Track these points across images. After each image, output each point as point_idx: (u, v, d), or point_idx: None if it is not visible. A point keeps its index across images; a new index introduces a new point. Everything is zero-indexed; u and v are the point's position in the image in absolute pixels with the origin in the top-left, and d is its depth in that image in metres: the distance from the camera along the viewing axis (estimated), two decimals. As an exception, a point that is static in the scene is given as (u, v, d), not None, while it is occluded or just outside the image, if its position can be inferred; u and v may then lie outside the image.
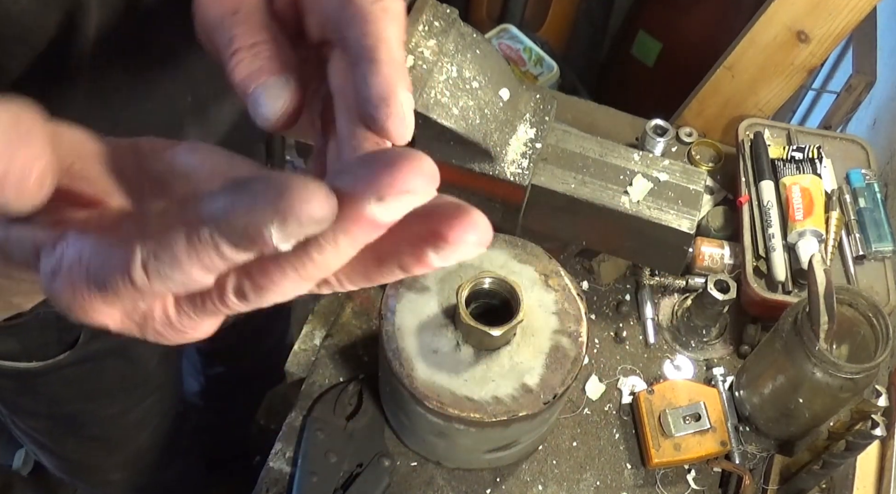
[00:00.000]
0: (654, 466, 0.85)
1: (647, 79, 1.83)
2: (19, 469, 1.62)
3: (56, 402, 0.95)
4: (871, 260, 0.94)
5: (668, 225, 0.82)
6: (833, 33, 1.03)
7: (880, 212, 0.96)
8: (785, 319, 0.79)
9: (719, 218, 1.00)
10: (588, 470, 0.85)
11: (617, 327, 0.95)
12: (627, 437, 0.88)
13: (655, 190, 0.83)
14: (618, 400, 0.90)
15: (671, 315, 0.96)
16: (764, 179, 0.97)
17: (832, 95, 1.33)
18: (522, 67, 1.54)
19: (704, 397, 0.86)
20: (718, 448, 0.84)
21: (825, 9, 1.01)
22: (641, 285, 0.97)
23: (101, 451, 1.10)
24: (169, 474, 1.23)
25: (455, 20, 0.77)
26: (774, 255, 0.91)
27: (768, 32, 1.05)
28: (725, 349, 0.95)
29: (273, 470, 0.83)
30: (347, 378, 0.88)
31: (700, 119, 1.16)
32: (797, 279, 0.91)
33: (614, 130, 1.11)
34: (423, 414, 0.73)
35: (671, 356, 0.94)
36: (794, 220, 0.93)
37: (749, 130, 1.04)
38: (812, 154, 0.99)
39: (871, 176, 1.00)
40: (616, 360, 0.93)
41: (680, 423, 0.84)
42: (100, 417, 1.01)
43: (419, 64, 0.74)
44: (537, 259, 0.78)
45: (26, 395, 0.94)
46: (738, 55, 1.09)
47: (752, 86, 1.11)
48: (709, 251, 0.97)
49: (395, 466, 0.83)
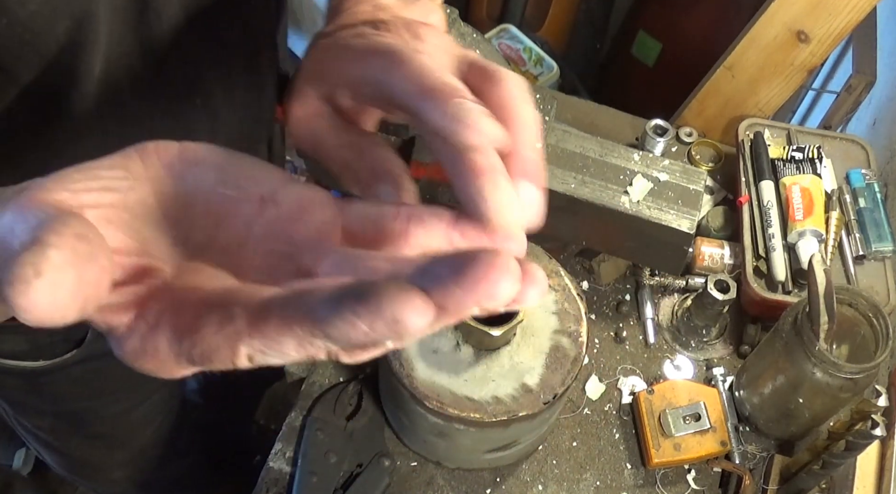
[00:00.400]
0: (654, 466, 0.85)
1: (647, 79, 1.83)
2: (19, 468, 1.62)
3: (62, 400, 0.95)
4: (871, 260, 0.94)
5: (668, 225, 0.82)
6: (833, 33, 1.03)
7: (880, 212, 0.96)
8: (785, 319, 0.79)
9: (719, 218, 1.00)
10: (588, 470, 0.86)
11: (617, 327, 0.95)
12: (627, 437, 0.88)
13: (655, 190, 0.83)
14: (618, 400, 0.90)
15: (671, 315, 0.96)
16: (764, 179, 0.97)
17: (832, 95, 1.33)
18: (522, 66, 1.54)
19: (704, 397, 0.86)
20: (718, 448, 0.84)
21: (825, 9, 1.01)
22: (641, 285, 0.97)
23: (105, 449, 1.10)
24: (170, 471, 1.24)
25: (455, 20, 0.78)
26: (774, 255, 0.91)
27: (768, 32, 1.05)
28: (725, 349, 0.95)
29: (273, 470, 0.83)
30: (347, 378, 0.88)
31: (700, 119, 1.16)
32: (797, 279, 0.91)
33: (614, 130, 1.11)
34: (423, 414, 0.73)
35: (671, 356, 0.94)
36: (794, 220, 0.93)
37: (749, 130, 1.04)
38: (812, 154, 0.99)
39: (871, 176, 0.99)
40: (616, 360, 0.93)
41: (680, 423, 0.84)
42: (104, 415, 1.01)
43: (419, 64, 0.74)
44: (537, 259, 0.78)
45: (32, 394, 0.94)
46: (738, 55, 1.09)
47: (752, 86, 1.11)
48: (709, 251, 0.97)
49: (395, 466, 0.83)
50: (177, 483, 1.31)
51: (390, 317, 0.25)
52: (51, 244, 0.26)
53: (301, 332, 0.26)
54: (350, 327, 0.25)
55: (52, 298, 0.26)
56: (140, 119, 0.67)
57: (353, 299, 0.25)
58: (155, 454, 1.15)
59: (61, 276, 0.26)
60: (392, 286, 0.25)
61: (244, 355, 0.28)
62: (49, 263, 0.25)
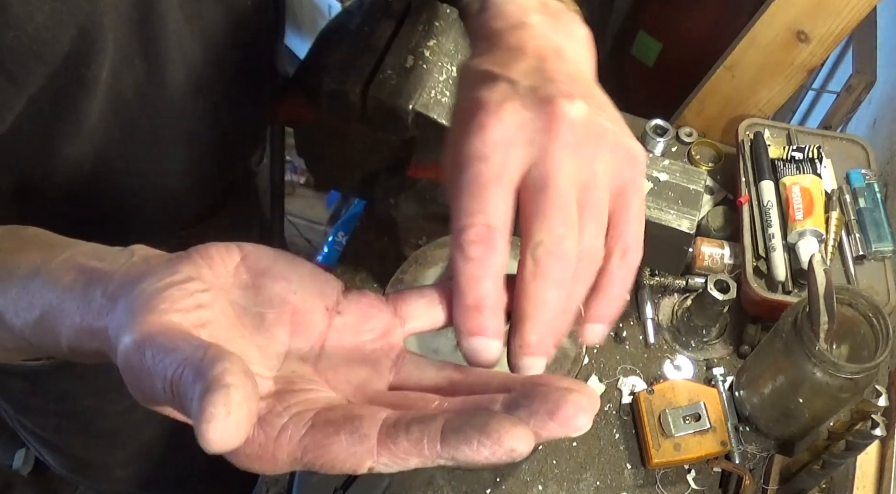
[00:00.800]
0: (654, 466, 0.85)
1: (647, 79, 1.82)
2: (19, 468, 1.62)
3: (65, 399, 0.95)
4: (871, 260, 0.94)
5: (668, 225, 0.82)
6: (833, 33, 1.03)
7: (880, 212, 0.96)
8: (785, 319, 0.79)
9: (719, 218, 1.00)
10: (588, 470, 0.86)
11: (617, 327, 0.95)
12: (627, 437, 0.88)
13: (655, 190, 0.83)
14: (618, 400, 0.90)
15: (671, 315, 0.96)
16: (764, 179, 0.97)
17: (832, 95, 1.33)
18: (522, 66, 1.54)
19: (704, 397, 0.86)
20: (718, 448, 0.84)
21: (825, 9, 1.01)
22: (641, 285, 0.97)
23: (108, 448, 1.10)
24: (172, 469, 1.24)
25: (455, 20, 0.78)
26: (774, 255, 0.91)
27: (768, 32, 1.05)
28: (725, 349, 0.95)
29: (273, 470, 0.83)
30: (347, 378, 0.88)
31: (700, 119, 1.16)
32: (797, 279, 0.91)
33: (614, 130, 1.11)
34: (423, 414, 0.73)
35: (671, 356, 0.94)
36: (794, 220, 0.93)
37: (749, 130, 1.04)
38: (812, 154, 0.99)
39: (871, 176, 0.99)
40: (616, 360, 0.93)
41: (680, 423, 0.84)
42: (107, 413, 1.01)
43: (419, 64, 0.74)
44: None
45: (36, 394, 0.94)
46: (738, 55, 1.09)
47: (752, 86, 1.11)
48: (709, 251, 0.97)
49: (395, 466, 0.83)
50: (179, 481, 1.31)
51: (508, 447, 0.30)
52: (232, 385, 0.29)
53: (428, 453, 0.31)
54: (475, 453, 0.30)
55: (237, 431, 0.29)
56: (142, 123, 0.68)
57: (477, 431, 0.30)
58: (157, 452, 1.15)
59: (243, 411, 0.29)
60: (506, 421, 0.30)
61: (367, 467, 0.32)
62: (234, 402, 0.29)
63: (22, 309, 0.42)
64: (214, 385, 0.29)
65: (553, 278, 0.39)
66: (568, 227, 0.39)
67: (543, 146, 0.40)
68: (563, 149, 0.40)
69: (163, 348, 0.32)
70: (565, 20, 0.51)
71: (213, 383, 0.29)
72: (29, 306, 0.41)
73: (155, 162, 0.73)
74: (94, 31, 0.55)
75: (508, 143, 0.40)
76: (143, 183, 0.74)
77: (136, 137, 0.68)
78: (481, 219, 0.38)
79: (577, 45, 0.49)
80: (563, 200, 0.39)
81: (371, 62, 0.81)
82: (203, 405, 0.29)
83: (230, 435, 0.29)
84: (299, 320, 0.38)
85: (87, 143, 0.64)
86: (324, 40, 0.90)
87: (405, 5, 0.85)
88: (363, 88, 0.81)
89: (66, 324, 0.40)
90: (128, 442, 1.11)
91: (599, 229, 0.41)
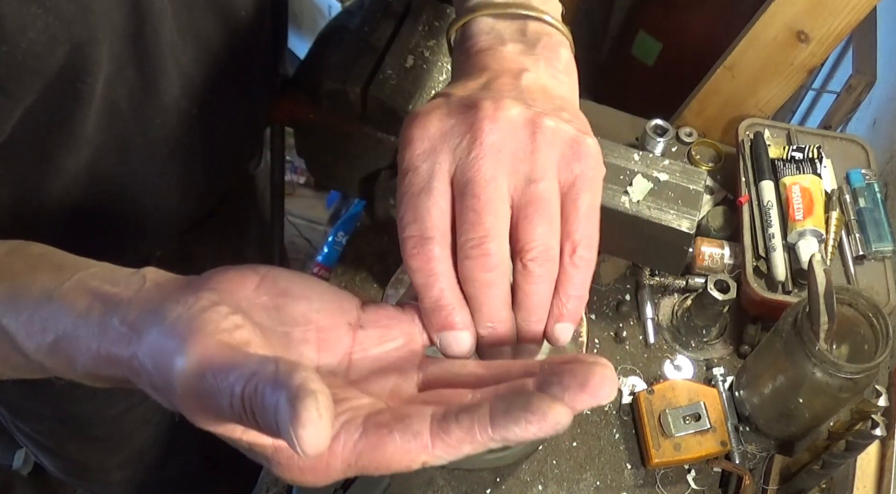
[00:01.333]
0: (654, 466, 0.85)
1: (647, 79, 1.83)
2: (19, 468, 1.62)
3: (61, 403, 0.95)
4: (871, 260, 0.94)
5: (668, 225, 0.82)
6: (833, 33, 1.03)
7: (880, 212, 0.96)
8: (785, 319, 0.79)
9: (719, 218, 1.00)
10: (588, 470, 0.86)
11: (617, 327, 0.95)
12: (627, 437, 0.88)
13: (655, 190, 0.83)
14: (618, 400, 0.90)
15: (671, 315, 0.96)
16: (764, 179, 0.97)
17: (832, 95, 1.34)
18: (522, 66, 1.54)
19: (704, 397, 0.86)
20: (718, 448, 0.84)
21: (825, 9, 1.01)
22: (641, 285, 0.97)
23: (104, 451, 1.10)
24: (169, 472, 1.24)
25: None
26: (774, 255, 0.91)
27: (768, 32, 1.05)
28: (725, 349, 0.95)
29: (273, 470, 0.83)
30: (347, 378, 0.88)
31: (700, 119, 1.16)
32: (797, 279, 0.91)
33: (614, 130, 1.11)
34: (423, 414, 0.73)
35: (671, 356, 0.94)
36: (794, 220, 0.93)
37: (749, 130, 1.04)
38: (812, 154, 0.99)
39: (871, 176, 0.99)
40: (616, 360, 0.93)
41: (680, 423, 0.84)
42: (103, 416, 1.01)
43: (419, 64, 0.74)
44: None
45: (32, 398, 0.94)
46: (738, 55, 1.09)
47: (752, 86, 1.11)
48: (709, 251, 0.97)
49: (395, 466, 0.83)
50: (176, 484, 1.31)
51: (553, 421, 0.32)
52: (318, 390, 0.30)
53: (481, 438, 0.32)
54: (523, 432, 0.32)
55: (328, 432, 0.31)
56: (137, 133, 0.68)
57: (523, 410, 0.32)
58: (154, 454, 1.15)
59: (331, 414, 0.31)
60: (546, 397, 0.32)
61: (421, 462, 0.33)
62: (323, 406, 0.30)
63: (35, 333, 0.42)
64: (302, 392, 0.30)
65: (481, 280, 0.41)
66: (488, 228, 0.41)
67: (467, 149, 0.42)
68: (486, 150, 0.42)
69: (223, 367, 0.33)
70: (545, 44, 0.51)
71: (300, 390, 0.30)
72: (42, 331, 0.42)
73: (150, 171, 0.73)
74: (88, 44, 0.55)
75: (432, 151, 0.42)
76: (140, 192, 0.74)
77: (131, 148, 0.68)
78: (416, 230, 0.41)
79: (549, 68, 0.50)
80: (484, 202, 0.41)
81: (371, 62, 0.81)
82: (297, 411, 0.30)
83: (324, 437, 0.30)
84: (324, 336, 0.40)
85: (82, 153, 0.64)
86: (324, 40, 0.90)
87: (405, 5, 0.85)
88: (363, 88, 0.81)
89: (81, 350, 0.40)
90: (124, 445, 1.11)
91: (548, 225, 0.42)
